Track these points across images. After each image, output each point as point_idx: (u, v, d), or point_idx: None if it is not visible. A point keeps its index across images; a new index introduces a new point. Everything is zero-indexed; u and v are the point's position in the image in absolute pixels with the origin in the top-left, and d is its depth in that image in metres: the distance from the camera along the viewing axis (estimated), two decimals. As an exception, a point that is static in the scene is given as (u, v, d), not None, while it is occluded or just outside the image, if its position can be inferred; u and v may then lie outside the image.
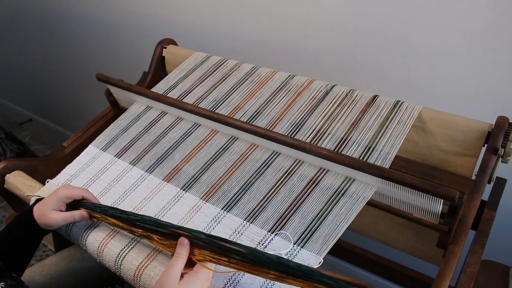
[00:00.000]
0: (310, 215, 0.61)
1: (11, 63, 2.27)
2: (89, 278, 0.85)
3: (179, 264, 0.52)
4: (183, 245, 0.53)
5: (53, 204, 0.64)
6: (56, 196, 0.65)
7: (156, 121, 0.85)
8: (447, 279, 0.56)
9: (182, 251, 0.53)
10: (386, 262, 0.89)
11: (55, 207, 0.64)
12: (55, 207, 0.64)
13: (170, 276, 0.51)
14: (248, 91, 0.84)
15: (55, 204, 0.64)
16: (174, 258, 0.53)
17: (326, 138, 0.71)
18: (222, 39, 1.23)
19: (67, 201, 0.66)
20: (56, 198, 0.65)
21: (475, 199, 0.63)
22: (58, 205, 0.65)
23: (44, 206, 0.64)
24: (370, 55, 0.98)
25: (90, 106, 1.97)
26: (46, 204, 0.65)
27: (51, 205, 0.64)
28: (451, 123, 0.69)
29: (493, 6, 0.78)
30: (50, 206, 0.64)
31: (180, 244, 0.53)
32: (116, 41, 1.56)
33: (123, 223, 0.61)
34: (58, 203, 0.65)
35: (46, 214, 0.64)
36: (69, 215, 0.64)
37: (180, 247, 0.53)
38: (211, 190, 0.69)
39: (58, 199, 0.65)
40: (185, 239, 0.54)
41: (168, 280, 0.51)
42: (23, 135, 2.46)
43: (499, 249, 0.97)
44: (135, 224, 0.59)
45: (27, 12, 1.84)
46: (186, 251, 0.53)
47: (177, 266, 0.52)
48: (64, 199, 0.65)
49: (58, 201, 0.65)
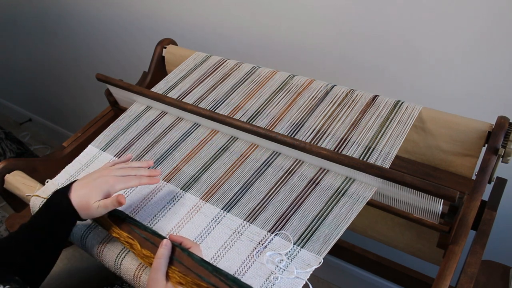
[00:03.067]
0: (310, 215, 0.61)
1: (11, 63, 2.27)
2: (88, 278, 0.85)
3: (161, 267, 0.52)
4: (164, 246, 0.54)
5: (100, 196, 0.59)
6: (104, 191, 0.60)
7: (156, 121, 0.85)
8: (447, 279, 0.56)
9: (162, 252, 0.53)
10: (386, 262, 0.88)
11: (100, 198, 0.60)
12: (100, 198, 0.60)
13: (155, 280, 0.51)
14: (248, 91, 0.84)
15: (101, 196, 0.60)
16: (155, 261, 0.53)
17: (326, 138, 0.71)
18: (222, 39, 1.23)
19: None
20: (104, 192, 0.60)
21: (475, 199, 0.63)
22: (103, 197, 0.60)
23: (90, 197, 0.59)
24: (370, 55, 0.98)
25: (90, 106, 1.96)
26: (91, 195, 0.59)
27: (96, 197, 0.59)
28: (452, 123, 0.69)
29: (493, 7, 0.78)
30: (96, 197, 0.59)
31: (162, 245, 0.54)
32: (116, 41, 1.56)
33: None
34: (104, 195, 0.60)
35: (90, 206, 0.59)
36: (109, 202, 0.59)
37: (161, 248, 0.54)
38: (211, 190, 0.69)
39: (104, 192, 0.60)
40: (167, 241, 0.55)
41: (154, 284, 0.51)
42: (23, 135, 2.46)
43: (500, 249, 0.97)
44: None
45: (27, 12, 1.84)
46: (168, 251, 0.54)
47: (160, 269, 0.52)
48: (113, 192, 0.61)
49: (104, 194, 0.60)
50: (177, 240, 0.57)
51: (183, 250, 0.55)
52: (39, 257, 0.57)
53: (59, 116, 2.28)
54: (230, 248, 0.60)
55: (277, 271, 0.56)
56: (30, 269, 0.57)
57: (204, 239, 0.62)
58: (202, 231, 0.63)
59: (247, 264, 0.58)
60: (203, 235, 0.63)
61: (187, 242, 0.57)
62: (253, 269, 0.57)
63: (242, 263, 0.58)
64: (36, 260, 0.57)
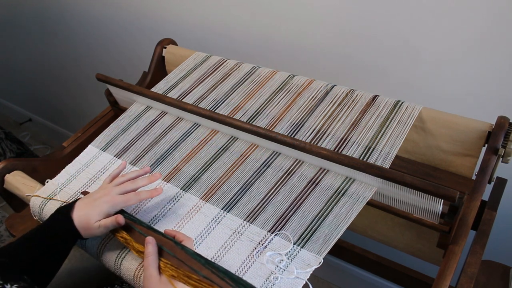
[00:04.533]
0: (310, 215, 0.61)
1: (11, 63, 2.27)
2: (88, 278, 0.85)
3: (152, 263, 0.54)
4: (150, 244, 0.55)
5: (100, 216, 0.61)
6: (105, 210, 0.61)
7: (156, 121, 0.85)
8: (448, 279, 0.56)
9: (149, 249, 0.55)
10: (386, 262, 0.89)
11: (100, 218, 0.61)
12: (100, 218, 0.61)
13: (149, 277, 0.53)
14: (248, 91, 0.84)
15: (102, 216, 0.61)
16: (145, 260, 0.55)
17: (326, 138, 0.71)
18: (222, 39, 1.23)
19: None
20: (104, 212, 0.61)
21: (475, 199, 0.63)
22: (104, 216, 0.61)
23: (91, 217, 0.60)
24: (370, 55, 0.98)
25: (90, 106, 1.96)
26: (92, 216, 0.60)
27: (97, 216, 0.60)
28: (452, 123, 0.69)
29: (493, 7, 0.78)
30: (96, 218, 0.60)
31: (147, 243, 0.56)
32: (116, 41, 1.56)
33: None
34: (104, 216, 0.61)
35: (91, 226, 0.60)
36: (109, 222, 0.60)
37: (148, 247, 0.55)
38: (211, 190, 0.69)
39: (105, 212, 0.61)
40: (151, 238, 0.56)
41: (149, 281, 0.53)
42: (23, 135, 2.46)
43: (500, 249, 0.97)
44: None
45: (27, 12, 1.84)
46: (154, 247, 0.55)
47: (151, 265, 0.54)
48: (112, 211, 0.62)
49: (105, 214, 0.61)
50: (170, 234, 0.59)
51: (176, 243, 0.56)
52: (38, 274, 0.59)
53: (59, 116, 2.28)
54: (230, 248, 0.60)
55: (277, 271, 0.56)
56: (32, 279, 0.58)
57: (204, 239, 0.62)
58: (202, 231, 0.63)
59: (247, 264, 0.58)
60: (203, 235, 0.63)
61: (179, 235, 0.58)
62: (253, 269, 0.57)
63: (242, 263, 0.58)
64: (38, 272, 0.59)
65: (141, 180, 0.66)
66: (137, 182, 0.65)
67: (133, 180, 0.66)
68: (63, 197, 0.73)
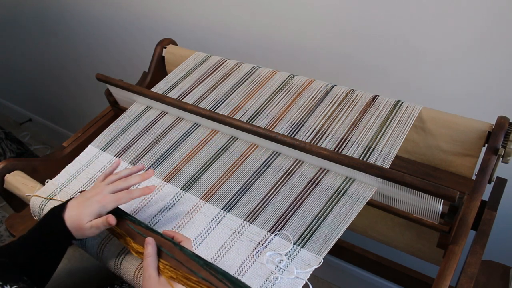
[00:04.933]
0: (310, 215, 0.61)
1: (11, 63, 2.27)
2: (88, 278, 0.85)
3: (151, 263, 0.53)
4: (149, 245, 0.55)
5: (91, 216, 0.59)
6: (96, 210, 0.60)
7: (156, 121, 0.85)
8: (448, 279, 0.56)
9: (149, 250, 0.55)
10: (386, 262, 0.88)
11: (92, 218, 0.60)
12: (92, 218, 0.60)
13: (148, 278, 0.53)
14: (248, 91, 0.84)
15: (93, 216, 0.60)
16: (144, 260, 0.54)
17: (326, 138, 0.71)
18: (222, 39, 1.23)
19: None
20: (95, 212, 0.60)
21: (475, 199, 0.63)
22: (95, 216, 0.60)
23: (82, 218, 0.59)
24: (370, 55, 0.98)
25: (90, 106, 1.96)
26: (83, 216, 0.59)
27: (89, 217, 0.59)
28: (451, 123, 0.69)
29: (493, 7, 0.78)
30: (88, 218, 0.59)
31: (146, 244, 0.55)
32: (116, 41, 1.56)
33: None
34: (96, 215, 0.60)
35: (83, 226, 0.59)
36: (100, 222, 0.59)
37: (147, 247, 0.55)
38: (211, 190, 0.69)
39: (97, 212, 0.60)
40: (151, 239, 0.56)
41: (148, 282, 0.52)
42: (23, 135, 2.46)
43: (500, 249, 0.97)
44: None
45: (27, 12, 1.84)
46: (153, 248, 0.55)
47: (150, 266, 0.53)
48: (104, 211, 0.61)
49: (96, 214, 0.60)
50: (169, 234, 0.58)
51: (175, 244, 0.55)
52: (35, 274, 0.59)
53: (59, 116, 2.28)
54: (230, 248, 0.60)
55: (277, 271, 0.56)
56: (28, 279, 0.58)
57: (204, 239, 0.62)
58: (202, 231, 0.63)
59: (247, 264, 0.58)
60: (203, 235, 0.63)
61: (178, 236, 0.58)
62: (253, 269, 0.57)
63: (242, 263, 0.58)
64: (36, 272, 0.59)
65: (134, 178, 0.64)
66: (129, 180, 0.63)
67: (125, 178, 0.64)
68: (63, 197, 0.73)
